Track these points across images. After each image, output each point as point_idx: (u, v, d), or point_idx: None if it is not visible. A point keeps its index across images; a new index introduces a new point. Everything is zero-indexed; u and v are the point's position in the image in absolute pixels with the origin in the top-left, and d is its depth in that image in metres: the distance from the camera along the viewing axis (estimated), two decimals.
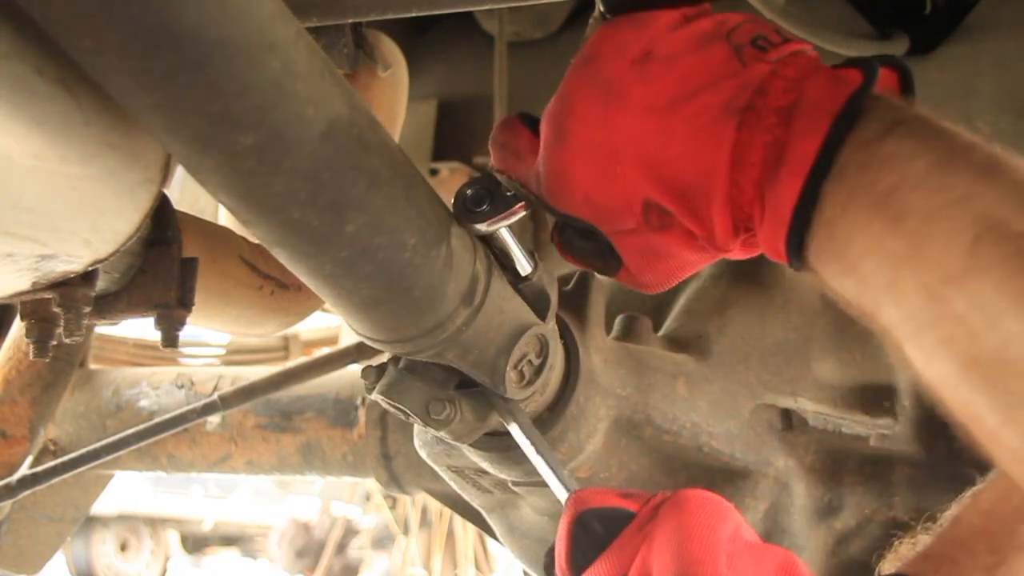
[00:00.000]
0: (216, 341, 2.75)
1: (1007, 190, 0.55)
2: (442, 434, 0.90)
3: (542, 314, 0.90)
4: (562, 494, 0.87)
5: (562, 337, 0.99)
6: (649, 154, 0.72)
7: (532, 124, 0.84)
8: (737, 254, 0.77)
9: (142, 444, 1.54)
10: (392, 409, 0.90)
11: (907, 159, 0.59)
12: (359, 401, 1.70)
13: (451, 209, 0.82)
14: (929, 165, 0.58)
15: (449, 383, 0.89)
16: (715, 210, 0.71)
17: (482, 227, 0.82)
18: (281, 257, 0.72)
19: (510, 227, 0.84)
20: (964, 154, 0.58)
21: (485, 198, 0.82)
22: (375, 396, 0.89)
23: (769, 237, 0.69)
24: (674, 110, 0.70)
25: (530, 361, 0.90)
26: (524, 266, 0.87)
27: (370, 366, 0.91)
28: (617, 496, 0.77)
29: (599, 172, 0.74)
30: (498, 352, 0.86)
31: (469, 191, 0.82)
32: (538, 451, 0.90)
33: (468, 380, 0.88)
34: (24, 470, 1.60)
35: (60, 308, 0.83)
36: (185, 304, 0.98)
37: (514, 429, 0.90)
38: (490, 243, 0.85)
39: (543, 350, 0.90)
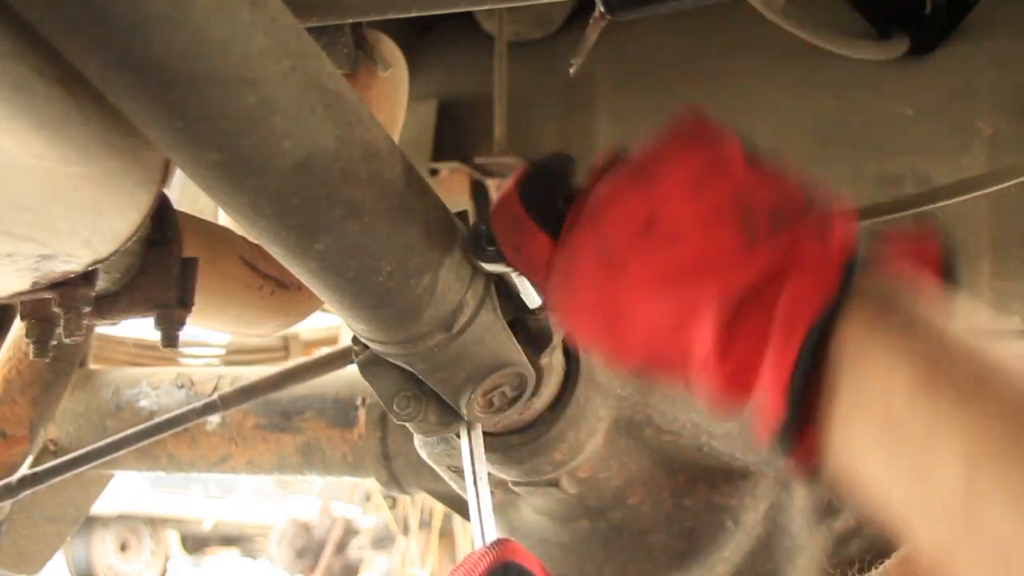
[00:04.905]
0: (216, 341, 2.75)
1: (1003, 408, 0.51)
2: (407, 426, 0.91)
3: (540, 349, 0.90)
4: (481, 535, 0.87)
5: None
6: (644, 325, 0.70)
7: (544, 219, 0.76)
8: None
9: (142, 444, 1.54)
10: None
11: (888, 382, 0.57)
12: (359, 401, 1.70)
13: (464, 234, 0.81)
14: (914, 378, 0.55)
15: (424, 382, 0.89)
16: (707, 382, 0.70)
17: (485, 265, 0.81)
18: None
19: None
20: (950, 370, 0.55)
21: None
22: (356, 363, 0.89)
23: (762, 420, 0.67)
24: (669, 290, 0.68)
25: (503, 393, 0.90)
26: (533, 300, 0.87)
27: (403, 397, 0.90)
28: (542, 570, 0.77)
29: (601, 329, 0.73)
30: (468, 378, 0.86)
31: (484, 227, 0.80)
32: (475, 480, 0.90)
33: None
34: (24, 470, 1.60)
35: (60, 308, 0.83)
36: (185, 304, 0.98)
37: (464, 449, 0.90)
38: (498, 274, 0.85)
39: (521, 386, 0.90)
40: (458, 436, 0.93)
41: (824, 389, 0.61)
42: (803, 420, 0.63)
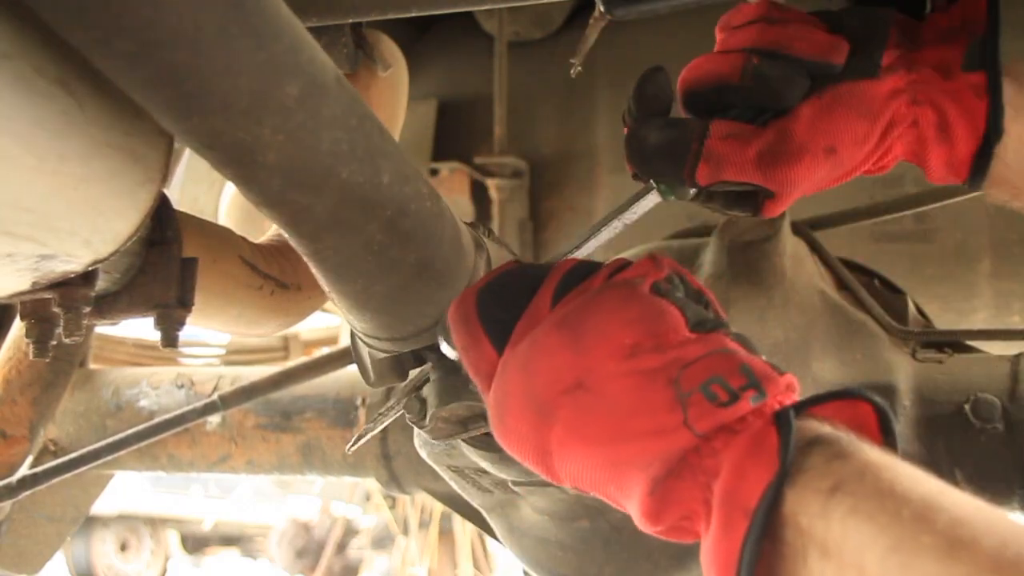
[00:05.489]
0: (216, 341, 2.75)
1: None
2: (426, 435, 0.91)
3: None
4: None
5: None
6: (574, 470, 0.69)
7: (493, 329, 0.75)
8: None
9: (142, 444, 1.54)
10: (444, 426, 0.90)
11: (857, 551, 0.53)
12: (359, 401, 1.70)
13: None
14: (881, 559, 0.52)
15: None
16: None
17: (447, 350, 0.80)
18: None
19: None
20: (920, 529, 0.52)
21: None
22: (437, 415, 0.88)
23: None
24: (597, 449, 0.67)
25: None
26: None
27: (413, 398, 0.90)
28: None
29: (531, 459, 0.72)
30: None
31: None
32: None
33: None
34: (24, 470, 1.60)
35: (60, 308, 0.83)
36: (185, 304, 0.98)
37: None
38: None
39: None
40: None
41: (778, 570, 0.58)
42: None
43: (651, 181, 0.97)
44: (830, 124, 0.89)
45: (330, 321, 3.06)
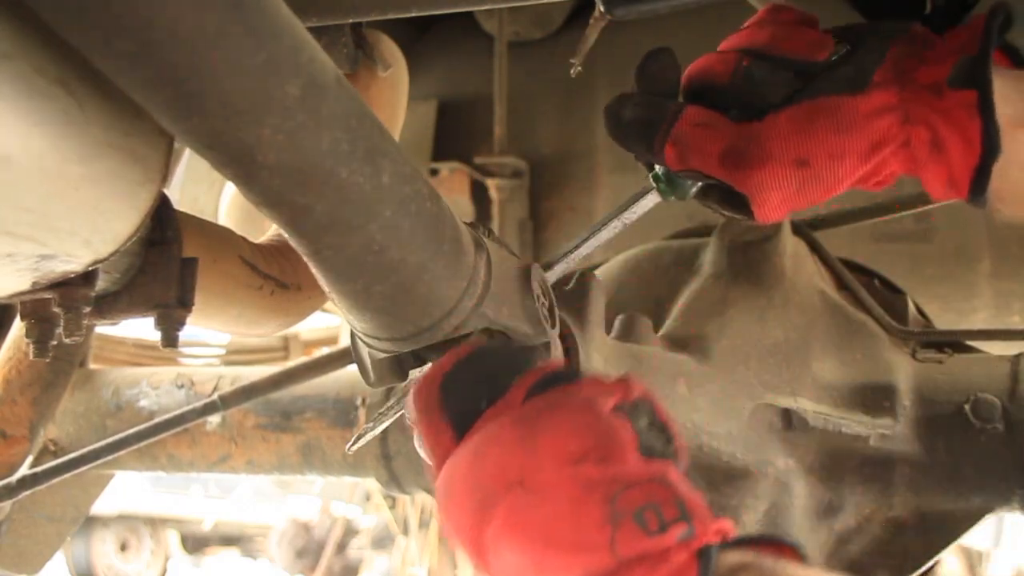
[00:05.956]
0: (216, 341, 2.75)
1: None
2: None
3: None
4: None
5: (562, 337, 0.99)
6: (501, 568, 0.70)
7: (457, 420, 0.76)
8: None
9: (142, 444, 1.54)
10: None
11: None
12: (359, 401, 1.70)
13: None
14: None
15: None
16: None
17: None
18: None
19: None
20: None
21: None
22: None
23: None
24: (528, 549, 0.67)
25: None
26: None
27: None
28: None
29: (465, 546, 0.73)
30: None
31: None
32: None
33: None
34: (24, 470, 1.60)
35: (60, 308, 0.83)
36: (185, 304, 0.98)
37: None
38: None
39: None
40: None
41: None
42: None
43: (651, 181, 0.97)
44: (802, 136, 0.88)
45: (330, 321, 3.06)
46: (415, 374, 0.90)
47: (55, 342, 0.87)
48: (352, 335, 0.93)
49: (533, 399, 0.75)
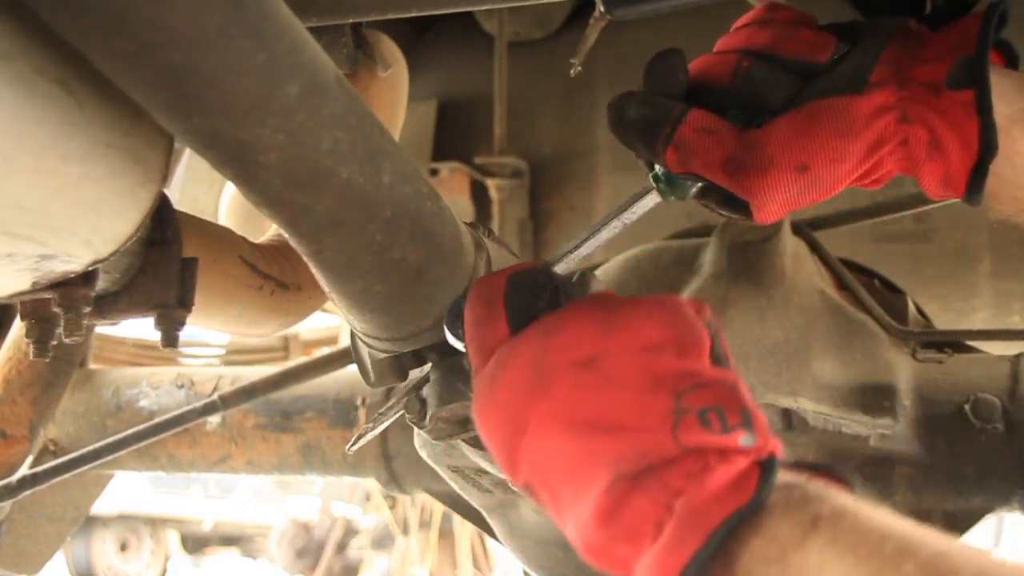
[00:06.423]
0: (216, 341, 2.75)
1: None
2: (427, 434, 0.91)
3: None
4: None
5: None
6: (541, 453, 0.68)
7: (514, 311, 0.75)
8: None
9: (142, 444, 1.54)
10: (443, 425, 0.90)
11: None
12: (359, 401, 1.70)
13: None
14: None
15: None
16: (579, 541, 0.67)
17: (453, 341, 0.81)
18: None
19: None
20: (903, 560, 0.52)
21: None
22: (437, 415, 0.89)
23: None
24: (578, 431, 0.66)
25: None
26: None
27: (413, 398, 0.90)
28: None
29: (500, 435, 0.71)
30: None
31: (462, 304, 0.80)
32: None
33: None
34: (24, 470, 1.60)
35: (60, 308, 0.83)
36: (185, 304, 0.98)
37: None
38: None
39: None
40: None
41: None
42: None
43: (651, 181, 0.97)
44: (804, 141, 0.88)
45: (330, 321, 3.07)
46: (415, 374, 0.90)
47: (55, 342, 0.87)
48: (352, 335, 0.93)
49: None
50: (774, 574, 0.56)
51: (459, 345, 0.81)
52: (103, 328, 2.16)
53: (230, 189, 1.99)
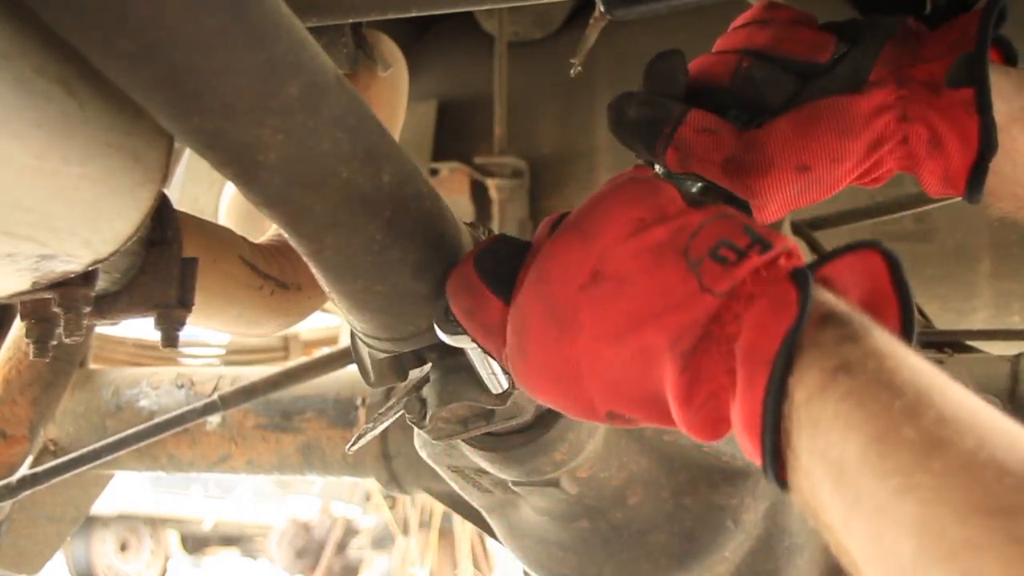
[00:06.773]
0: (216, 341, 2.75)
1: (945, 480, 0.49)
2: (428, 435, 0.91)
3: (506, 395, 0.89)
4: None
5: None
6: (606, 379, 0.69)
7: (496, 284, 0.76)
8: None
9: (142, 444, 1.55)
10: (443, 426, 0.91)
11: (844, 433, 0.53)
12: (359, 401, 1.70)
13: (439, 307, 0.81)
14: (863, 446, 0.52)
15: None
16: (678, 422, 0.68)
17: (447, 338, 0.81)
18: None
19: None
20: (905, 423, 0.51)
21: None
22: (437, 415, 0.89)
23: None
24: (623, 342, 0.67)
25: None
26: (497, 384, 0.86)
27: (413, 398, 0.90)
28: None
29: (561, 390, 0.72)
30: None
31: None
32: None
33: None
34: (24, 470, 1.60)
35: (60, 308, 0.83)
36: (185, 304, 0.98)
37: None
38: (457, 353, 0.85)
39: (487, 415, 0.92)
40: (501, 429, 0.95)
41: (787, 431, 0.58)
42: (783, 453, 0.60)
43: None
44: (805, 141, 0.88)
45: (330, 321, 3.07)
46: (415, 374, 0.90)
47: (55, 342, 0.87)
48: (352, 335, 0.93)
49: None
50: (799, 418, 0.56)
51: (456, 343, 0.81)
52: (103, 328, 2.16)
53: (230, 189, 1.99)
